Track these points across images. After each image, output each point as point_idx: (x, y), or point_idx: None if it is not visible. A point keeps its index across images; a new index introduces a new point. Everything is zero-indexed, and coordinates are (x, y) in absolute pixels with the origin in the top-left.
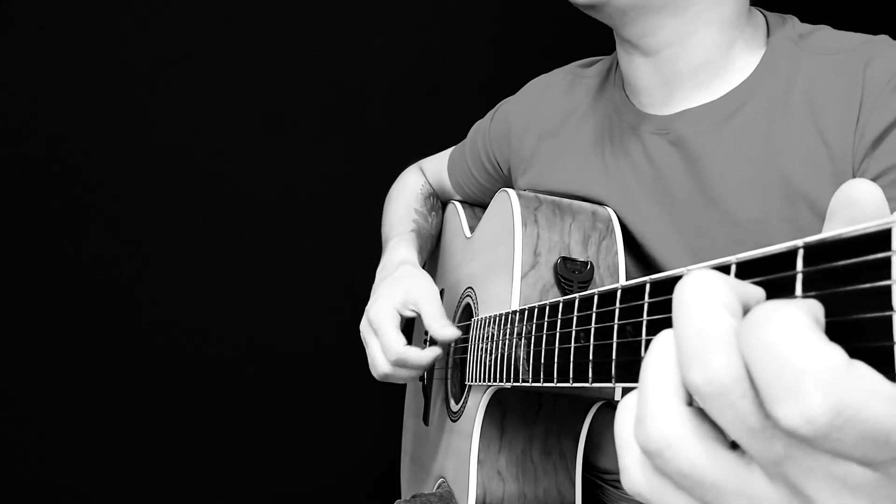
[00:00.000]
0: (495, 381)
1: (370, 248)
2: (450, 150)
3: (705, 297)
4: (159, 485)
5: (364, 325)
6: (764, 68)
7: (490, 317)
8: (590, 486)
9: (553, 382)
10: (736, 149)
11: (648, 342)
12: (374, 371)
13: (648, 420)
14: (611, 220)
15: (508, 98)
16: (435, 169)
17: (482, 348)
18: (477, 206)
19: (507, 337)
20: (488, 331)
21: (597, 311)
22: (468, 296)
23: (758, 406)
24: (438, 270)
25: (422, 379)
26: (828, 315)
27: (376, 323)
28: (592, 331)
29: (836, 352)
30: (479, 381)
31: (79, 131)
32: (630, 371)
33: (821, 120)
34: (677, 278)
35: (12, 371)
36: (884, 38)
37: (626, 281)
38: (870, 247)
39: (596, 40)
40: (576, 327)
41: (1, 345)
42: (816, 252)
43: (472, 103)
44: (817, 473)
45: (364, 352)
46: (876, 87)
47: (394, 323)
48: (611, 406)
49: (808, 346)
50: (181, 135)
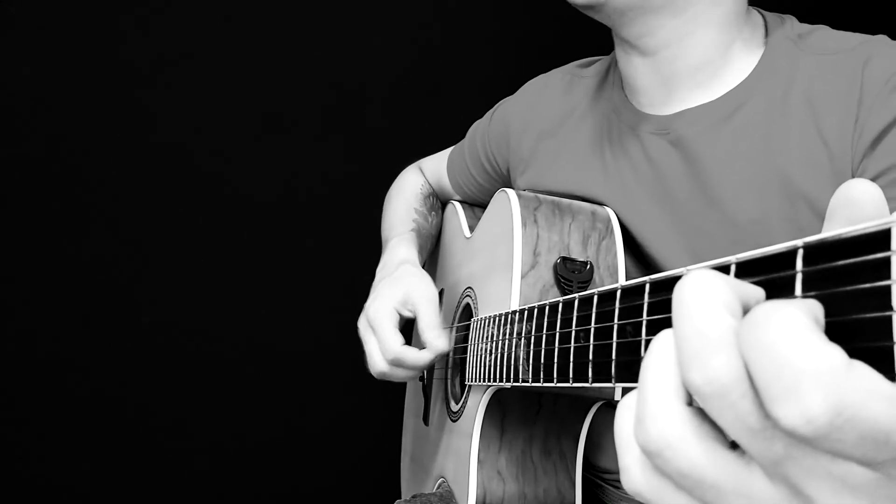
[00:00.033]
0: (495, 381)
1: (370, 248)
2: (449, 149)
3: (705, 296)
4: (159, 485)
5: (362, 323)
6: (763, 68)
7: (490, 317)
8: (590, 485)
9: (553, 382)
10: (735, 149)
11: (648, 342)
12: (371, 369)
13: (648, 420)
14: (610, 220)
15: (507, 98)
16: (434, 169)
17: (482, 348)
18: (476, 206)
19: (507, 337)
20: (488, 331)
21: (596, 311)
22: (468, 296)
23: (758, 406)
24: (438, 270)
25: (422, 379)
26: (827, 315)
27: (375, 321)
28: (592, 331)
29: (836, 352)
30: (479, 381)
31: (79, 131)
32: (630, 371)
33: (820, 120)
34: (677, 278)
35: (12, 371)
36: (882, 38)
37: (626, 281)
38: (869, 247)
39: (595, 40)
40: (575, 327)
41: (1, 345)
42: (816, 252)
43: (472, 103)
44: (817, 473)
45: (363, 351)
46: (874, 86)
47: (392, 322)
48: (611, 406)
49: (808, 346)
50: (181, 135)
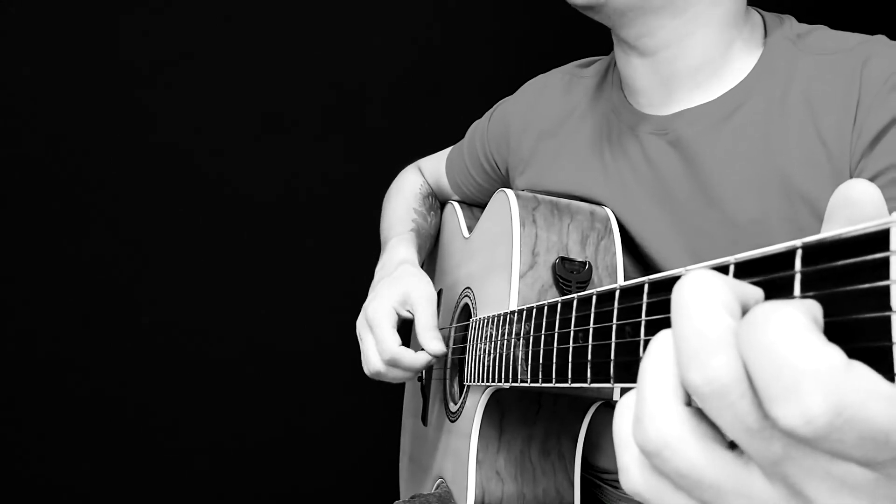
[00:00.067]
0: (494, 381)
1: (370, 248)
2: (448, 149)
3: (704, 297)
4: (159, 485)
5: (360, 322)
6: (762, 68)
7: (488, 317)
8: (588, 485)
9: (551, 383)
10: (734, 149)
11: (647, 342)
12: (366, 368)
13: (647, 420)
14: (609, 220)
15: (506, 98)
16: (433, 169)
17: (481, 348)
18: (475, 206)
19: (506, 337)
20: (487, 331)
21: (595, 312)
22: (466, 296)
23: (757, 406)
24: (437, 270)
25: (420, 379)
26: (826, 315)
27: (373, 321)
28: (591, 331)
29: (835, 352)
30: (478, 382)
31: (79, 131)
32: (629, 371)
33: (819, 120)
34: (676, 278)
35: (12, 371)
36: (881, 38)
37: (625, 281)
38: (868, 247)
39: (595, 40)
40: (574, 327)
41: (1, 345)
42: (815, 252)
43: (472, 103)
44: (816, 473)
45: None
46: (873, 86)
47: (390, 321)
48: (609, 406)
49: (807, 347)
50: (181, 135)
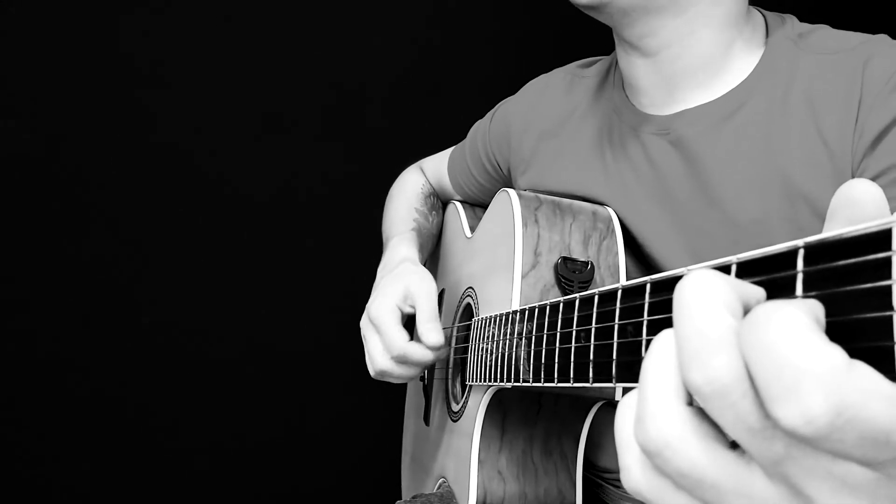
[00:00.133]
0: (496, 381)
1: (370, 248)
2: (449, 150)
3: (706, 296)
4: (159, 485)
5: (364, 322)
6: (763, 68)
7: (490, 317)
8: (590, 485)
9: (554, 382)
10: (736, 149)
11: (649, 342)
12: (371, 367)
13: (648, 420)
14: (611, 220)
15: (508, 98)
16: (435, 169)
17: (483, 348)
18: (477, 206)
19: (508, 337)
20: (489, 331)
21: (597, 311)
22: (469, 296)
23: (758, 406)
24: (439, 270)
25: (422, 379)
26: (828, 315)
27: (378, 320)
28: (593, 331)
29: (837, 352)
30: (480, 381)
31: (79, 131)
32: (630, 371)
33: (820, 119)
34: (678, 278)
35: (12, 371)
36: (883, 38)
37: (627, 281)
38: (870, 247)
39: (596, 40)
40: (576, 327)
41: (1, 345)
42: (817, 252)
43: (472, 103)
44: (817, 473)
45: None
46: (875, 86)
47: (395, 319)
48: (611, 406)
49: (809, 347)
50: (181, 135)
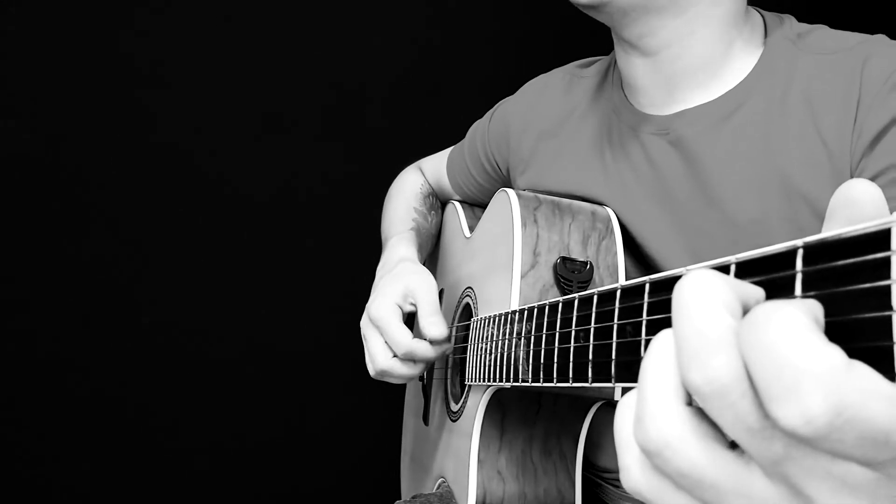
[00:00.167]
0: (495, 380)
1: (370, 248)
2: (448, 150)
3: (705, 296)
4: (159, 485)
5: (364, 322)
6: (762, 68)
7: (490, 317)
8: (590, 485)
9: (553, 382)
10: (735, 149)
11: (648, 342)
12: (371, 367)
13: (648, 420)
14: (610, 220)
15: (507, 98)
16: (434, 169)
17: (482, 348)
18: (476, 206)
19: (507, 337)
20: (488, 331)
21: (596, 311)
22: (468, 296)
23: (757, 406)
24: (438, 270)
25: (422, 379)
26: (827, 315)
27: (380, 319)
28: (592, 331)
29: (836, 352)
30: (479, 381)
31: (79, 131)
32: (630, 371)
33: (819, 119)
34: (677, 278)
35: (12, 371)
36: (881, 38)
37: (626, 281)
38: (869, 247)
39: (595, 40)
40: (575, 327)
41: (1, 345)
42: (816, 252)
43: (472, 103)
44: (817, 473)
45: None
46: (873, 86)
47: (397, 317)
48: (611, 405)
49: (808, 347)
50: (181, 135)
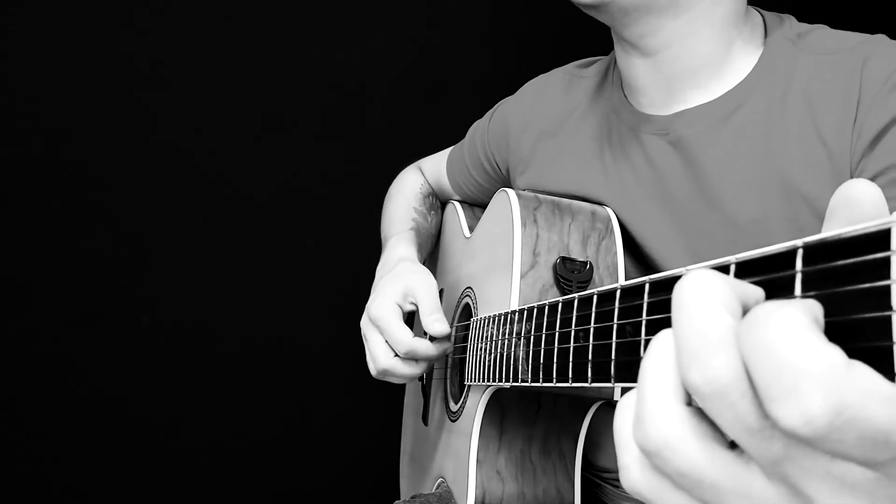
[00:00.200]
0: (494, 380)
1: (370, 248)
2: (448, 150)
3: (705, 296)
4: (159, 485)
5: (365, 322)
6: (762, 68)
7: (489, 317)
8: (589, 485)
9: (552, 382)
10: (735, 149)
11: (648, 342)
12: (372, 366)
13: (647, 420)
14: (610, 220)
15: (507, 98)
16: (434, 169)
17: (481, 348)
18: (476, 206)
19: (507, 337)
20: (487, 331)
21: (596, 311)
22: (467, 296)
23: (757, 406)
24: (438, 270)
25: (421, 379)
26: (827, 315)
27: (380, 319)
28: (592, 330)
29: (836, 352)
30: (479, 381)
31: (79, 131)
32: (629, 371)
33: (819, 119)
34: (676, 278)
35: (12, 371)
36: (881, 38)
37: (626, 281)
38: (869, 247)
39: (595, 40)
40: (575, 327)
41: (1, 345)
42: (816, 252)
43: (472, 103)
44: (816, 473)
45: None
46: (873, 86)
47: (397, 317)
48: (610, 405)
49: (808, 347)
50: (181, 135)
